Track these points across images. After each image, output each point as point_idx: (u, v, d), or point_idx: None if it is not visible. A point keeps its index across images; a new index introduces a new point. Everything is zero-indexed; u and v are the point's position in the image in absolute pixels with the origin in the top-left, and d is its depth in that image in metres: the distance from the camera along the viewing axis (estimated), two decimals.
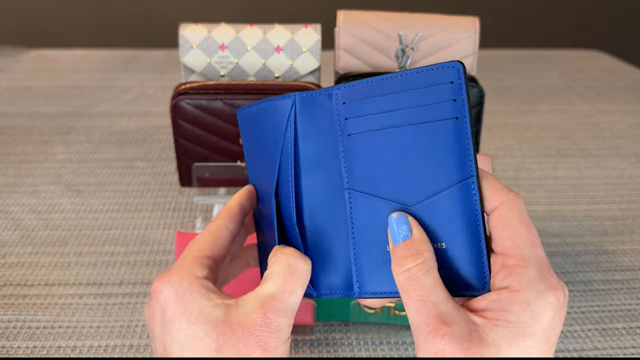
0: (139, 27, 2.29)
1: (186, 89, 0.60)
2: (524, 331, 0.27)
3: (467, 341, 0.27)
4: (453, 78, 0.31)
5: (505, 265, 0.29)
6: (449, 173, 0.31)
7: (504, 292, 0.28)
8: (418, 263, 0.29)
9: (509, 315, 0.27)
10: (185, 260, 0.33)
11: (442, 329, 0.27)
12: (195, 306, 0.30)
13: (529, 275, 0.28)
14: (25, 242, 0.68)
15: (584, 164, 0.90)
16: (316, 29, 0.62)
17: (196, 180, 0.64)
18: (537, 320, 0.27)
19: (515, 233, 0.29)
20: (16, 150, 0.91)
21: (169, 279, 0.32)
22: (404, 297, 0.29)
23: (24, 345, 0.54)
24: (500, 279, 0.29)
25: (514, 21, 2.39)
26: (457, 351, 0.27)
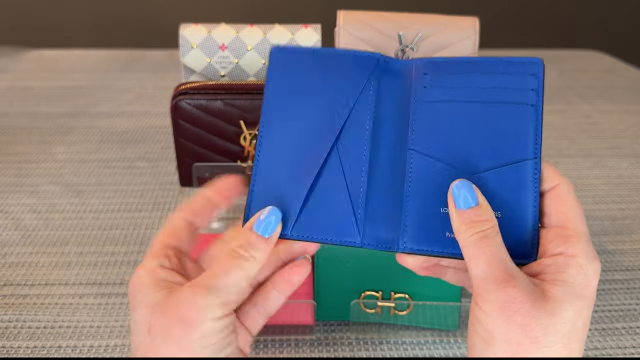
0: (139, 27, 2.29)
1: (186, 89, 0.60)
2: (579, 292, 0.30)
3: (533, 293, 0.30)
4: (535, 72, 0.36)
5: (560, 235, 0.32)
6: (519, 150, 0.34)
7: (559, 257, 0.32)
8: (490, 226, 0.32)
9: (566, 276, 0.31)
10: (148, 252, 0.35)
11: (512, 280, 0.30)
12: (140, 295, 0.33)
13: (582, 244, 0.32)
14: (25, 242, 0.69)
15: (583, 164, 0.91)
16: (316, 29, 0.62)
17: (196, 180, 0.64)
18: (588, 283, 0.31)
19: (572, 210, 0.33)
20: (16, 150, 0.91)
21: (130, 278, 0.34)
22: (473, 254, 0.31)
23: (24, 345, 0.54)
24: (553, 247, 0.32)
25: (514, 21, 2.39)
26: (525, 300, 0.30)
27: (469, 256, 0.32)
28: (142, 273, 0.34)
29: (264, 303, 0.37)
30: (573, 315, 0.30)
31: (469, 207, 0.32)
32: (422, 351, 0.53)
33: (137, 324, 0.32)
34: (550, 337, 0.29)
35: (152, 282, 0.33)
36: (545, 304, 0.30)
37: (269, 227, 0.34)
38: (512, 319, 0.29)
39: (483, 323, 0.30)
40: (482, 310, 0.31)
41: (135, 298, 0.33)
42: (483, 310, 0.30)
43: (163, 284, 0.33)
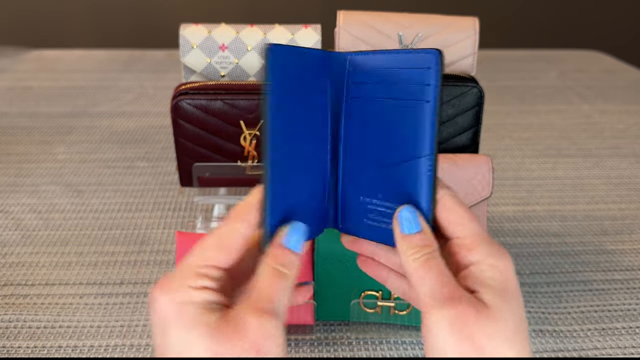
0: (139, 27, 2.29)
1: (186, 89, 0.60)
2: (502, 288, 0.32)
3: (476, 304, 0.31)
4: (431, 64, 0.35)
5: (462, 246, 0.34)
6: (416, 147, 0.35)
7: (471, 267, 0.33)
8: (434, 249, 0.34)
9: (487, 281, 0.32)
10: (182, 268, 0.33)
11: (455, 297, 0.32)
12: (189, 316, 0.31)
13: (483, 247, 0.33)
14: (25, 242, 0.69)
15: (583, 164, 0.91)
16: (316, 29, 0.62)
17: (196, 180, 0.64)
18: (506, 277, 0.33)
19: (461, 217, 0.34)
20: (17, 150, 0.91)
21: (166, 288, 0.32)
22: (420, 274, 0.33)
23: (25, 345, 0.54)
24: (462, 259, 0.34)
25: (514, 21, 2.39)
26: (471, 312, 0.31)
27: (417, 277, 0.33)
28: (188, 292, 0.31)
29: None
30: (510, 313, 0.32)
31: (412, 232, 0.34)
32: (422, 351, 0.53)
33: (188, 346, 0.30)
34: (493, 342, 0.31)
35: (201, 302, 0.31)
36: (487, 312, 0.31)
37: (300, 241, 0.34)
38: (462, 332, 0.31)
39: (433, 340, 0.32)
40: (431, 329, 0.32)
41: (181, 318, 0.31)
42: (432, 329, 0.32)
43: (212, 305, 0.31)
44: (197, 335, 0.30)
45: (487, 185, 0.57)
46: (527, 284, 0.63)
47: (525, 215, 0.76)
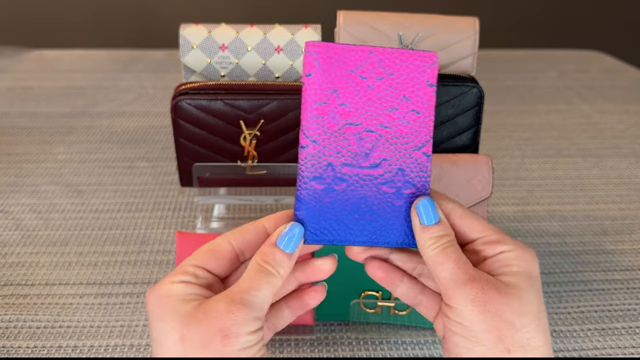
0: (139, 27, 2.29)
1: (186, 89, 0.60)
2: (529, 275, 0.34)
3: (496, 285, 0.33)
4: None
5: (487, 242, 0.35)
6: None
7: (500, 255, 0.35)
8: (451, 238, 0.35)
9: (513, 268, 0.34)
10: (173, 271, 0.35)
11: (476, 277, 0.33)
12: (167, 306, 0.33)
13: (511, 241, 0.35)
14: (25, 242, 0.69)
15: (583, 164, 0.91)
16: (316, 29, 0.62)
17: (196, 180, 0.64)
18: (532, 266, 0.34)
19: (479, 222, 0.36)
20: (17, 150, 0.91)
21: (153, 288, 0.34)
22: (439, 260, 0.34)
23: (25, 345, 0.54)
24: (490, 251, 0.35)
25: (514, 21, 2.39)
26: (493, 291, 0.32)
27: (436, 263, 0.34)
28: (168, 286, 0.34)
29: (275, 320, 0.38)
30: (533, 296, 0.33)
31: (431, 223, 0.35)
32: (422, 351, 0.53)
33: (163, 334, 0.32)
34: (523, 319, 0.32)
35: (178, 294, 0.33)
36: (509, 290, 0.33)
37: (292, 243, 0.35)
38: (486, 307, 0.32)
39: (460, 320, 0.33)
40: (456, 309, 0.33)
41: (160, 309, 0.33)
42: (457, 308, 0.33)
43: (190, 296, 0.33)
44: (171, 324, 0.32)
45: (487, 185, 0.57)
46: None
47: (525, 215, 0.76)
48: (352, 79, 0.36)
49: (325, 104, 0.35)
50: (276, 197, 0.73)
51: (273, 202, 0.75)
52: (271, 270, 0.34)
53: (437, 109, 0.60)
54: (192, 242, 0.52)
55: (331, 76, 0.35)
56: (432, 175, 0.56)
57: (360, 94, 0.36)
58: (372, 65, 0.36)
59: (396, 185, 0.37)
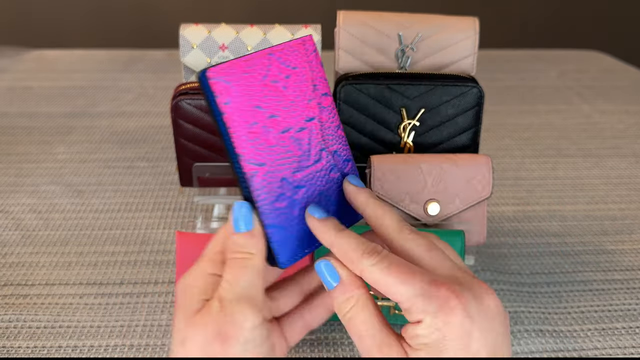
0: (139, 27, 2.29)
1: (186, 89, 0.60)
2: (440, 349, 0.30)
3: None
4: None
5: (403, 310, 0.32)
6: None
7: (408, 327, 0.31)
8: (352, 305, 0.33)
9: (422, 340, 0.30)
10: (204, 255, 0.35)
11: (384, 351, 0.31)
12: (184, 300, 0.33)
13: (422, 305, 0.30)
14: (25, 242, 0.69)
15: (583, 164, 0.91)
16: (316, 29, 0.62)
17: (196, 180, 0.64)
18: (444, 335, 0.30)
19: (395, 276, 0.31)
20: (17, 150, 0.91)
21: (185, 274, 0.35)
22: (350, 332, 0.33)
23: (25, 345, 0.54)
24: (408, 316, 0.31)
25: (514, 21, 2.39)
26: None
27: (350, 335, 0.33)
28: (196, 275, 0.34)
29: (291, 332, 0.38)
30: None
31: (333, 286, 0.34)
32: None
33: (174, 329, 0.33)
34: None
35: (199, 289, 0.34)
36: None
37: (247, 221, 0.34)
38: None
39: None
40: None
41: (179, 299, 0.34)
42: None
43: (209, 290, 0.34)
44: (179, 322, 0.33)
45: (487, 185, 0.57)
46: (527, 284, 0.63)
47: (525, 215, 0.76)
48: (266, 86, 0.34)
49: (255, 123, 0.34)
50: None
51: None
52: (239, 256, 0.34)
53: (437, 109, 0.60)
54: (192, 242, 0.52)
55: (249, 93, 0.34)
56: (432, 175, 0.56)
57: (279, 98, 0.35)
58: (277, 66, 0.35)
59: (338, 167, 0.38)
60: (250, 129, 0.34)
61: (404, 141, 0.60)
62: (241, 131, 0.33)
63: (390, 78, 0.59)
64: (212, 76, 0.32)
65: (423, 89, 0.59)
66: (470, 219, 0.58)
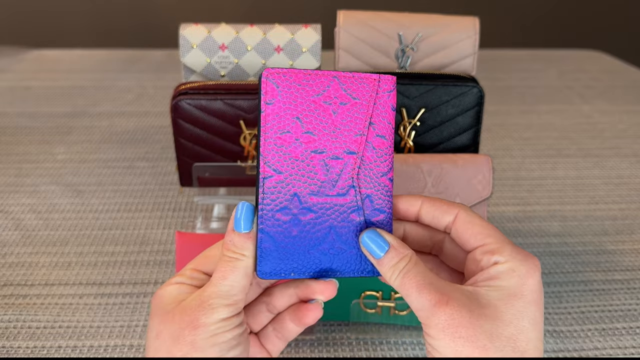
0: (139, 27, 2.29)
1: (186, 89, 0.60)
2: (515, 292, 0.32)
3: (468, 304, 0.31)
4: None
5: (485, 252, 0.34)
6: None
7: (492, 267, 0.33)
8: (407, 261, 0.34)
9: (499, 282, 0.32)
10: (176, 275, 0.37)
11: (444, 298, 0.32)
12: (158, 306, 0.35)
13: (508, 250, 0.33)
14: (25, 242, 0.69)
15: (583, 164, 0.91)
16: (316, 29, 0.62)
17: (196, 180, 0.64)
18: (524, 282, 0.32)
19: (483, 228, 0.35)
20: (17, 150, 0.91)
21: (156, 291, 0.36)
22: (405, 292, 0.33)
23: (24, 345, 0.54)
24: (485, 262, 0.34)
25: (514, 21, 2.39)
26: (464, 313, 0.31)
27: (404, 294, 0.33)
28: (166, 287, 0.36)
29: (282, 331, 0.39)
30: (514, 316, 0.31)
31: (383, 253, 0.34)
32: (422, 351, 0.53)
33: (149, 328, 0.35)
34: (497, 342, 0.31)
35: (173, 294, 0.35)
36: (483, 310, 0.31)
37: (247, 222, 0.35)
38: (456, 334, 0.31)
39: (436, 348, 0.32)
40: (431, 337, 0.32)
41: (153, 308, 0.35)
42: (432, 337, 0.32)
43: (181, 296, 0.35)
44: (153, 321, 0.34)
45: (487, 185, 0.57)
46: None
47: (525, 216, 0.76)
48: (315, 104, 0.34)
49: (288, 132, 0.34)
50: None
51: None
52: (233, 255, 0.34)
53: (437, 109, 0.60)
54: (192, 242, 0.52)
55: (293, 103, 0.34)
56: (432, 175, 0.56)
57: (324, 120, 0.35)
58: (336, 90, 0.35)
59: (364, 213, 0.36)
60: (281, 136, 0.34)
61: (404, 141, 0.60)
62: (271, 134, 0.34)
63: None
64: (265, 75, 0.34)
65: (423, 89, 0.59)
66: None
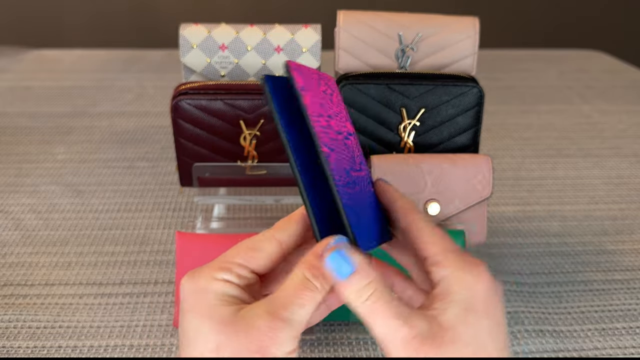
0: (139, 27, 2.29)
1: (186, 89, 0.60)
2: (467, 306, 0.30)
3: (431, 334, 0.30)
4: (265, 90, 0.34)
5: (432, 263, 0.32)
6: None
7: (440, 283, 0.32)
8: (373, 289, 0.31)
9: (452, 296, 0.31)
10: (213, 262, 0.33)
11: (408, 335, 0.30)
12: (206, 304, 0.31)
13: (451, 260, 0.32)
14: (25, 242, 0.69)
15: (583, 164, 0.91)
16: (316, 29, 0.62)
17: (196, 180, 0.64)
18: (473, 293, 0.31)
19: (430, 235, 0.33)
20: (17, 150, 0.91)
21: (192, 275, 0.33)
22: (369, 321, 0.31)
23: (24, 345, 0.54)
24: (435, 275, 0.32)
25: (514, 21, 2.39)
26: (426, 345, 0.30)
27: (367, 323, 0.31)
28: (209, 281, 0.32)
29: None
30: (472, 335, 0.30)
31: (347, 275, 0.31)
32: None
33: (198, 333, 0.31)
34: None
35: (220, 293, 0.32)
36: (445, 335, 0.30)
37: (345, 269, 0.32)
38: None
39: None
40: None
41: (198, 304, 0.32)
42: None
43: (230, 299, 0.32)
44: (209, 326, 0.31)
45: (487, 185, 0.57)
46: (527, 284, 0.63)
47: (525, 216, 0.76)
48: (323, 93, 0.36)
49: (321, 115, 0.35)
50: (276, 197, 0.73)
51: (273, 202, 0.75)
52: (317, 286, 0.32)
53: (437, 109, 0.60)
54: (192, 242, 0.52)
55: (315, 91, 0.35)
56: (432, 175, 0.56)
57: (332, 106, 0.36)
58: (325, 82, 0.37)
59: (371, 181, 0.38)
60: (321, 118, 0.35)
61: (404, 141, 0.60)
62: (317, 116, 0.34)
63: (391, 78, 0.59)
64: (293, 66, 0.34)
65: (423, 89, 0.59)
66: (471, 219, 0.58)
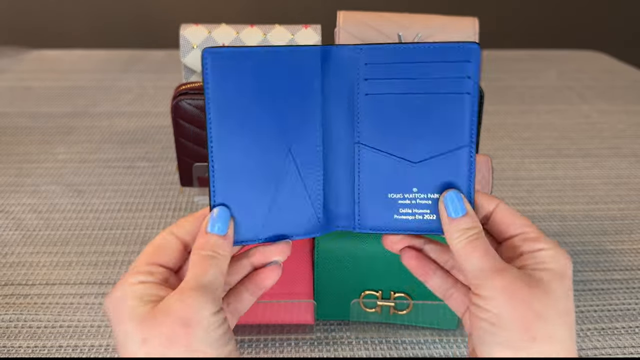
0: (139, 27, 2.29)
1: (187, 89, 0.60)
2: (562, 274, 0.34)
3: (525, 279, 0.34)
4: (471, 58, 0.36)
5: (527, 239, 0.36)
6: (456, 138, 0.37)
7: (538, 252, 0.35)
8: (478, 231, 0.36)
9: (547, 265, 0.34)
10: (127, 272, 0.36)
11: (505, 269, 0.34)
12: (126, 309, 0.33)
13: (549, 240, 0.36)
14: (26, 242, 0.69)
15: (583, 164, 0.91)
16: (316, 29, 0.62)
17: (196, 180, 0.64)
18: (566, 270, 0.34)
19: (522, 219, 0.37)
20: (17, 151, 0.92)
21: (109, 293, 0.35)
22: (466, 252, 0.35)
23: (25, 344, 0.54)
24: (528, 247, 0.35)
25: (514, 21, 2.39)
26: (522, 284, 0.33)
27: (464, 255, 0.35)
28: (124, 288, 0.34)
29: (236, 304, 0.39)
30: (562, 294, 0.33)
31: (458, 216, 0.36)
32: (422, 351, 0.53)
33: (126, 336, 0.33)
34: (551, 311, 0.33)
35: (135, 295, 0.34)
36: (538, 285, 0.33)
37: (223, 226, 0.36)
38: (514, 295, 0.33)
39: (488, 308, 0.33)
40: (485, 297, 0.34)
41: (119, 313, 0.33)
42: (486, 296, 0.33)
43: (146, 297, 0.34)
44: (132, 326, 0.32)
45: (486, 185, 0.57)
46: None
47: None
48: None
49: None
50: None
51: None
52: (211, 254, 0.35)
53: None
54: None
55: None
56: None
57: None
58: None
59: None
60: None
61: None
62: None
63: None
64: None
65: None
66: None
